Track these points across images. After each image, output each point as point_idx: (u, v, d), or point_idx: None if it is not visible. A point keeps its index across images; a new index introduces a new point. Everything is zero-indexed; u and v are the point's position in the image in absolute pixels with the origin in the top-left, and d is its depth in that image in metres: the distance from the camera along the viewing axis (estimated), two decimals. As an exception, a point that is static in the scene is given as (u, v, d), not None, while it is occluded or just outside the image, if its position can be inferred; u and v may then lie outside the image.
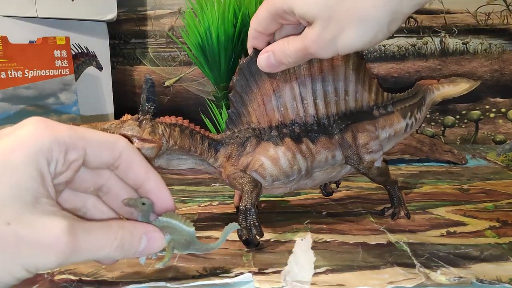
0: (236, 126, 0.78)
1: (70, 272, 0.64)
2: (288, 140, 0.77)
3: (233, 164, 0.77)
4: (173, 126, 0.73)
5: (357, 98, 0.82)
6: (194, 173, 1.21)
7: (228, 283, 0.61)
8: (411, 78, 1.62)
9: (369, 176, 0.82)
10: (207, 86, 1.66)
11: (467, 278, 0.62)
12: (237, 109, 0.78)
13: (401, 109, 0.89)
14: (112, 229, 0.50)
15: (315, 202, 0.96)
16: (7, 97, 1.11)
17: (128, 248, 0.51)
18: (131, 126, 0.69)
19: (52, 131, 0.47)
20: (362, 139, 0.80)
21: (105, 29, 1.45)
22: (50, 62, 1.19)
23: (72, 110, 1.26)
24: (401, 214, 0.85)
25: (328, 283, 0.61)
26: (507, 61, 1.59)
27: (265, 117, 0.78)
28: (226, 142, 0.77)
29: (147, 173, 0.57)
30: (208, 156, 0.76)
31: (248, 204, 0.72)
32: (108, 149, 0.53)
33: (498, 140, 1.63)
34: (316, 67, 0.77)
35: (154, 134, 0.70)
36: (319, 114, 0.79)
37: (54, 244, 0.44)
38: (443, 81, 1.00)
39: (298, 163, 0.77)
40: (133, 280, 0.61)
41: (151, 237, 0.54)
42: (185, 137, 0.73)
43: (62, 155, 0.48)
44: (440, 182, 1.11)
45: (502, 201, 0.96)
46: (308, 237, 0.77)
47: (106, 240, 0.49)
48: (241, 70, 0.76)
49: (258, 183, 0.75)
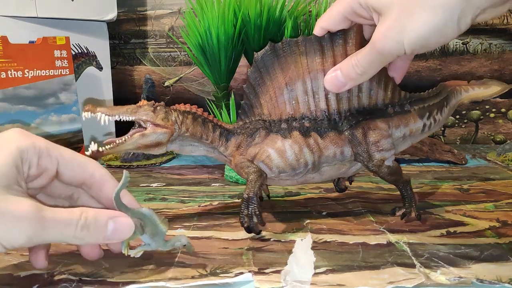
0: (248, 117, 0.82)
1: (70, 272, 0.64)
2: (296, 134, 0.78)
3: (241, 154, 0.79)
4: (186, 114, 0.77)
5: (371, 95, 0.82)
6: (194, 173, 1.21)
7: (228, 283, 0.61)
8: (411, 78, 1.62)
9: (379, 174, 0.82)
10: (207, 86, 1.66)
11: (467, 278, 0.62)
12: (250, 101, 0.81)
13: (419, 108, 0.87)
14: (75, 210, 0.55)
15: (315, 202, 0.96)
16: (7, 97, 1.11)
17: (94, 230, 0.55)
18: (146, 111, 0.73)
19: (31, 138, 0.56)
20: (373, 136, 0.80)
21: (105, 29, 1.45)
22: (50, 62, 1.20)
23: (72, 110, 1.26)
24: (412, 215, 0.83)
25: (328, 283, 0.61)
26: (507, 61, 1.59)
27: (276, 109, 0.80)
28: (237, 132, 0.80)
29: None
30: (219, 145, 0.80)
31: (251, 192, 0.74)
32: (80, 167, 0.60)
33: (498, 140, 1.63)
34: (329, 61, 0.77)
35: (167, 120, 0.74)
36: (330, 109, 0.80)
37: (23, 217, 0.50)
38: (474, 83, 0.97)
39: (305, 156, 0.78)
40: (133, 280, 0.61)
41: (118, 221, 0.58)
42: (197, 125, 0.77)
43: (36, 158, 0.56)
44: (440, 182, 1.11)
45: (502, 201, 0.96)
46: (308, 237, 0.77)
47: (70, 219, 0.54)
48: (255, 63, 0.79)
49: (263, 174, 0.77)
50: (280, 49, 0.78)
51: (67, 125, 1.25)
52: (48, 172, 0.58)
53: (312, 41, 0.77)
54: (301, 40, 0.77)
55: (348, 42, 0.77)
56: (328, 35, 0.76)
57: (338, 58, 0.77)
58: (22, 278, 0.62)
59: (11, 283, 0.61)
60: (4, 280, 0.62)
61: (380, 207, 0.92)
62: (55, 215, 0.53)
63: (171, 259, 0.68)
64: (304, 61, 0.78)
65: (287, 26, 1.04)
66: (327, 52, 0.77)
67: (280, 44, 0.78)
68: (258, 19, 1.08)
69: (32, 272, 0.64)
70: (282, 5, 1.10)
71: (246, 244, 0.74)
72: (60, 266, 0.66)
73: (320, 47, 0.77)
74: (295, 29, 1.08)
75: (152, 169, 1.26)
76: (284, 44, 0.78)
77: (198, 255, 0.70)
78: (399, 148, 0.88)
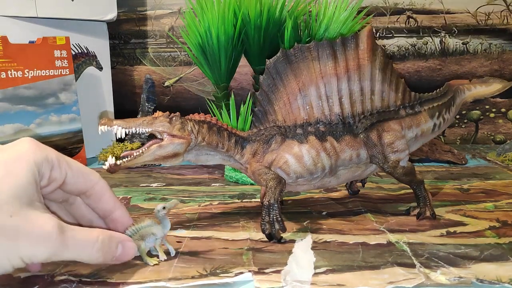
0: (262, 124, 0.82)
1: (70, 273, 0.64)
2: (313, 138, 0.78)
3: (258, 161, 0.79)
4: (201, 123, 0.77)
5: (383, 97, 0.83)
6: (194, 173, 1.21)
7: (228, 283, 0.61)
8: (411, 78, 1.62)
9: (394, 175, 0.83)
10: (207, 86, 1.66)
11: (467, 278, 0.62)
12: (264, 107, 0.82)
13: (429, 109, 0.89)
14: (94, 232, 0.58)
15: (315, 202, 0.96)
16: (7, 97, 1.11)
17: (107, 252, 0.59)
18: (162, 123, 0.73)
19: (44, 150, 0.57)
20: (387, 138, 0.81)
21: (105, 29, 1.45)
22: (50, 62, 1.19)
23: (72, 110, 1.26)
24: (426, 214, 0.85)
25: (328, 283, 0.61)
26: (507, 61, 1.59)
27: (290, 115, 0.80)
28: (252, 139, 0.80)
29: (115, 203, 0.66)
30: (235, 153, 0.79)
31: (271, 199, 0.74)
32: (85, 179, 0.62)
33: (498, 140, 1.63)
34: (342, 66, 0.79)
35: (184, 130, 0.74)
36: (344, 113, 0.80)
37: (47, 237, 0.52)
38: (475, 81, 0.99)
39: (322, 161, 0.78)
40: (133, 281, 0.61)
41: (126, 245, 0.62)
42: (213, 134, 0.77)
43: (48, 171, 0.57)
44: (440, 182, 1.11)
45: (502, 201, 0.95)
46: (308, 237, 0.77)
47: (88, 240, 0.57)
48: (268, 70, 0.80)
49: (282, 180, 0.77)
50: (292, 55, 0.79)
51: (67, 125, 1.25)
52: (56, 182, 0.59)
53: (324, 46, 0.79)
54: (313, 45, 0.79)
55: (360, 46, 0.79)
56: (340, 39, 0.79)
57: (350, 62, 0.79)
58: (22, 279, 0.62)
59: (11, 284, 0.61)
60: (4, 281, 0.62)
61: (380, 206, 0.92)
62: (75, 235, 0.55)
63: (171, 259, 0.68)
64: (316, 66, 0.79)
65: (287, 26, 1.04)
66: (340, 56, 0.79)
67: (292, 50, 0.79)
68: (258, 19, 1.08)
69: (32, 274, 0.64)
70: (282, 5, 1.10)
71: (246, 244, 0.74)
72: (60, 267, 0.66)
73: (332, 51, 0.79)
74: (295, 29, 1.08)
75: (152, 169, 1.26)
76: (296, 50, 0.79)
77: (198, 255, 0.70)
78: (411, 148, 0.89)
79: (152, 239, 0.67)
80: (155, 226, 0.68)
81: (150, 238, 0.67)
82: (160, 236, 0.67)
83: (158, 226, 0.68)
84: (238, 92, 1.61)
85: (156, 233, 0.67)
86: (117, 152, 1.30)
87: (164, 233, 0.68)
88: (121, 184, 1.12)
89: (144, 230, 0.67)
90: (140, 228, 0.67)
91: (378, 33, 1.61)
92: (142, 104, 1.42)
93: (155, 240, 0.67)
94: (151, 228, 0.67)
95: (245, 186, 1.09)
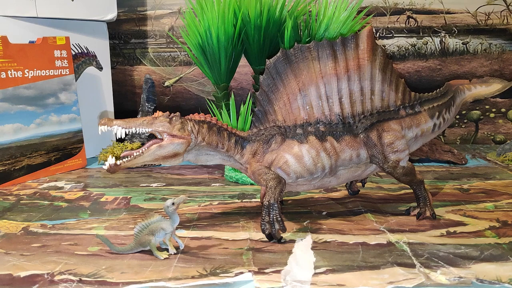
0: (262, 124, 0.82)
1: (70, 272, 0.64)
2: (313, 138, 0.78)
3: (258, 161, 0.79)
4: (201, 123, 0.77)
5: (383, 97, 0.83)
6: (194, 173, 1.21)
7: (228, 283, 0.61)
8: (411, 78, 1.62)
9: (394, 175, 0.83)
10: (207, 86, 1.66)
11: (467, 278, 0.62)
12: (264, 108, 0.81)
13: (429, 109, 0.89)
14: None
15: (315, 202, 0.96)
16: (7, 97, 1.11)
17: None
18: (162, 123, 0.74)
19: None
20: (387, 138, 0.81)
21: (105, 29, 1.45)
22: (50, 62, 1.19)
23: (72, 110, 1.26)
24: (426, 214, 0.85)
25: (328, 283, 0.61)
26: (507, 61, 1.59)
27: (290, 115, 0.80)
28: (252, 139, 0.80)
29: None
30: (235, 153, 0.79)
31: (271, 199, 0.74)
32: None
33: (498, 140, 1.63)
34: (341, 66, 0.79)
35: (184, 130, 0.74)
36: (344, 113, 0.80)
37: None
38: (475, 81, 0.99)
39: (322, 161, 0.78)
40: (133, 280, 0.61)
41: None
42: (213, 134, 0.77)
43: None
44: (440, 182, 1.11)
45: (502, 201, 0.96)
46: (308, 237, 0.77)
47: None
48: (268, 70, 0.80)
49: (282, 180, 0.77)
50: (292, 55, 0.79)
51: (67, 125, 1.25)
52: None
53: (324, 46, 0.79)
54: (313, 45, 0.79)
55: (360, 45, 0.79)
56: (340, 39, 0.79)
57: (350, 61, 0.79)
58: (22, 278, 0.62)
59: (11, 283, 0.61)
60: (4, 280, 0.62)
61: (380, 206, 0.92)
62: None
63: (171, 259, 0.68)
64: (316, 66, 0.79)
65: (287, 26, 1.04)
66: (340, 56, 0.79)
67: (292, 50, 0.79)
68: (258, 19, 1.08)
69: (32, 273, 0.64)
70: (282, 5, 1.10)
71: (246, 244, 0.74)
72: (60, 266, 0.66)
73: (332, 51, 0.79)
74: (295, 29, 1.08)
75: (152, 169, 1.26)
76: (296, 50, 0.79)
77: (198, 255, 0.70)
78: (411, 148, 0.89)
79: (161, 234, 0.69)
80: (165, 221, 0.69)
81: (160, 233, 0.69)
82: (170, 231, 0.69)
83: (168, 221, 0.69)
84: (238, 92, 1.61)
85: (166, 228, 0.69)
86: (117, 152, 1.30)
87: (173, 228, 0.70)
88: (121, 184, 1.12)
89: (154, 225, 0.69)
90: (150, 223, 0.69)
91: (378, 33, 1.61)
92: (142, 104, 1.42)
93: (165, 235, 0.69)
94: (161, 223, 0.69)
95: (245, 186, 1.09)
